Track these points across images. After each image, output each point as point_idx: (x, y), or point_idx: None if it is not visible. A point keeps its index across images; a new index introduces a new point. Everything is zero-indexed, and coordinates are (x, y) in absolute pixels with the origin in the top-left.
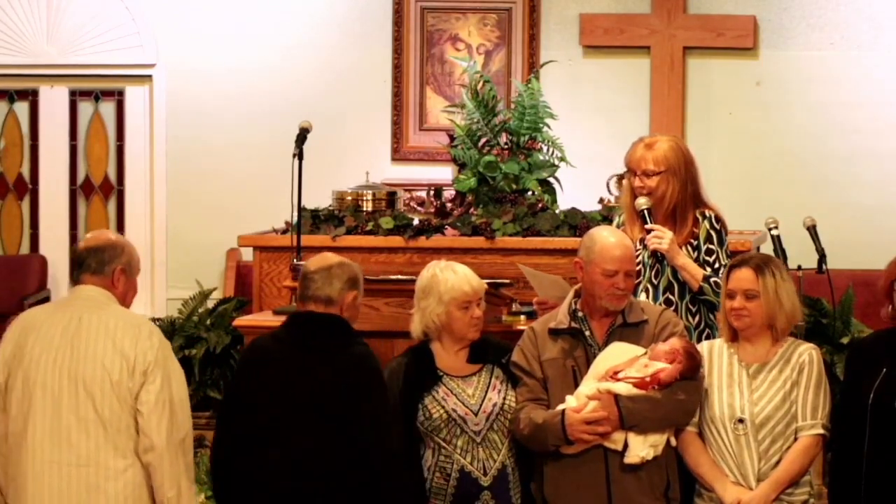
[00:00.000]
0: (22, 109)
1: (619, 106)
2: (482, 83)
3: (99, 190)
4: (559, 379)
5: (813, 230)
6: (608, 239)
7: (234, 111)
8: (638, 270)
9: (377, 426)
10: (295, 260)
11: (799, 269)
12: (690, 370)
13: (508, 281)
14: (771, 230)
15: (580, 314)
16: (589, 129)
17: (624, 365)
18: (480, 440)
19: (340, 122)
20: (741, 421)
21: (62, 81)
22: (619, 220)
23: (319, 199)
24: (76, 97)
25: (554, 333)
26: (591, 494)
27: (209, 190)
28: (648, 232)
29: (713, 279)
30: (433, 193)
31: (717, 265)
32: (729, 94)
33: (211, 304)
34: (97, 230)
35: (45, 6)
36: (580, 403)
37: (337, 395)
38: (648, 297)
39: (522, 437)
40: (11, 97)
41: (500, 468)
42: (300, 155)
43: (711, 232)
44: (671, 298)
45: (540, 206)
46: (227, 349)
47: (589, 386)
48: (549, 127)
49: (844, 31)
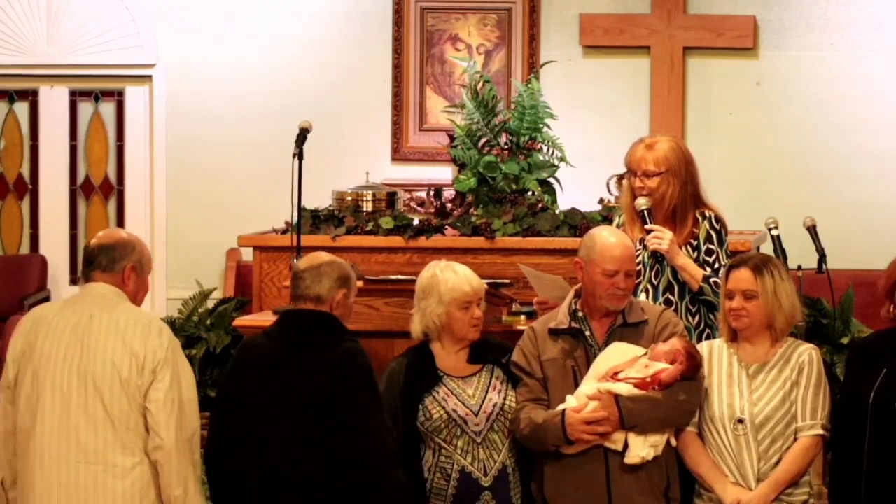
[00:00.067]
0: (22, 109)
1: (619, 106)
2: (482, 83)
3: (99, 190)
4: (559, 379)
5: (813, 230)
6: (608, 239)
7: (233, 111)
8: (638, 271)
9: (367, 421)
10: (295, 260)
11: (799, 269)
12: (691, 370)
13: (508, 281)
14: (771, 230)
15: (580, 314)
16: (589, 129)
17: (624, 365)
18: (481, 440)
19: (340, 122)
20: (741, 421)
21: (62, 81)
22: (619, 220)
23: (319, 199)
24: (76, 97)
25: (554, 333)
26: (591, 494)
27: (209, 190)
28: (648, 232)
29: (713, 279)
30: (433, 193)
31: (716, 265)
32: (729, 94)
33: (211, 304)
34: (109, 228)
35: (45, 6)
36: (580, 403)
37: (326, 391)
38: (648, 297)
39: (523, 437)
40: (11, 97)
41: (500, 468)
42: (300, 155)
43: (711, 232)
44: (671, 299)
45: (540, 206)
46: (227, 349)
47: (589, 386)
48: (549, 127)
49: (844, 31)
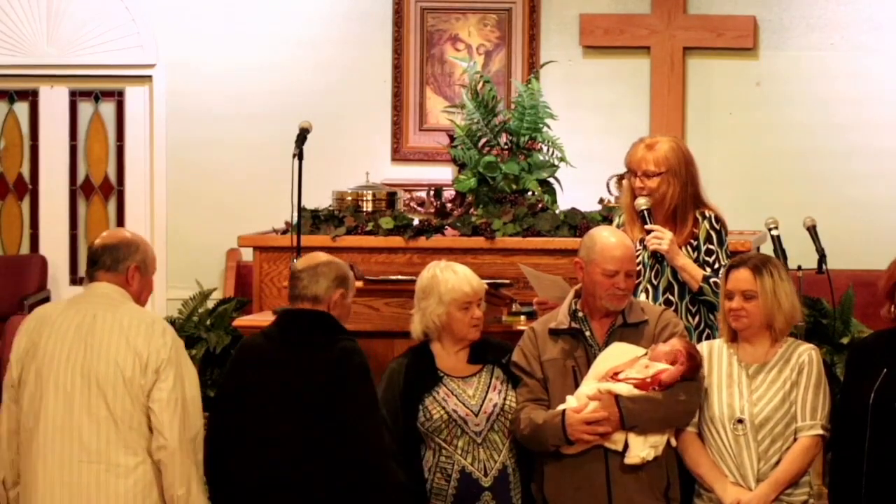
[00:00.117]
0: (22, 109)
1: (619, 106)
2: (482, 83)
3: (99, 190)
4: (559, 379)
5: (813, 230)
6: (609, 239)
7: (233, 111)
8: (638, 271)
9: (362, 420)
10: (294, 260)
11: (799, 269)
12: (691, 371)
13: (508, 281)
14: (771, 230)
15: (580, 314)
16: (589, 129)
17: (624, 366)
18: (481, 441)
19: (340, 122)
20: (741, 421)
21: (62, 82)
22: (619, 220)
23: (319, 199)
24: (76, 97)
25: (554, 334)
26: (591, 495)
27: (209, 190)
28: (648, 232)
29: (713, 279)
30: (433, 194)
31: (716, 265)
32: (729, 94)
33: (211, 304)
34: (113, 228)
35: (45, 6)
36: (581, 404)
37: (322, 389)
38: (648, 297)
39: (523, 437)
40: (11, 97)
41: (500, 469)
42: (300, 155)
43: (711, 232)
44: (671, 299)
45: (540, 206)
46: (227, 349)
47: (589, 386)
48: (548, 127)
49: (844, 31)
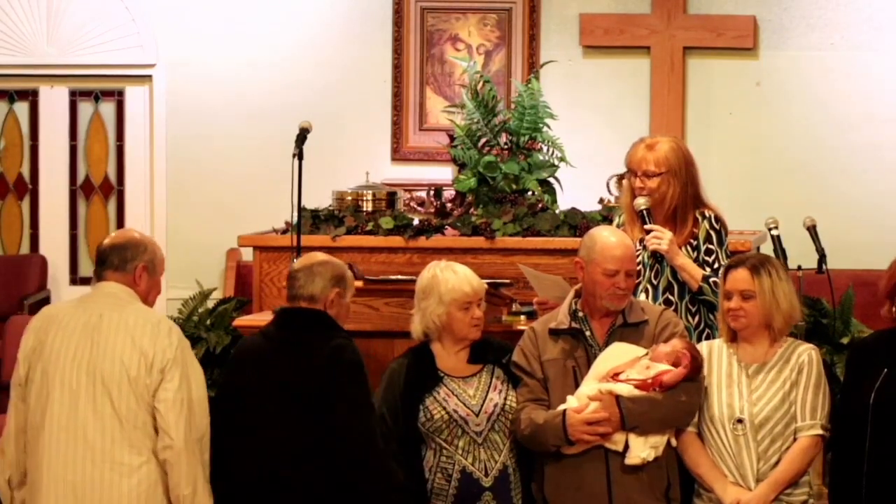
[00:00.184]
0: (22, 109)
1: (618, 106)
2: (482, 83)
3: (99, 190)
4: (560, 379)
5: (813, 230)
6: (609, 239)
7: (233, 111)
8: (638, 271)
9: (355, 418)
10: (294, 260)
11: (799, 269)
12: (692, 371)
13: (508, 281)
14: (771, 230)
15: (580, 314)
16: (589, 129)
17: (625, 366)
18: (482, 441)
19: (340, 122)
20: (740, 421)
21: (62, 81)
22: (619, 220)
23: (319, 199)
24: (76, 97)
25: (554, 334)
26: (591, 495)
27: (209, 190)
28: (648, 232)
29: (712, 279)
30: (433, 193)
31: (716, 265)
32: (729, 94)
33: (211, 304)
34: (123, 229)
35: (45, 6)
36: (581, 404)
37: (315, 386)
38: (648, 297)
39: (523, 437)
40: (11, 97)
41: (501, 469)
42: (300, 155)
43: (711, 232)
44: (671, 299)
45: (540, 206)
46: (227, 349)
47: (590, 386)
48: (548, 127)
49: (844, 31)
